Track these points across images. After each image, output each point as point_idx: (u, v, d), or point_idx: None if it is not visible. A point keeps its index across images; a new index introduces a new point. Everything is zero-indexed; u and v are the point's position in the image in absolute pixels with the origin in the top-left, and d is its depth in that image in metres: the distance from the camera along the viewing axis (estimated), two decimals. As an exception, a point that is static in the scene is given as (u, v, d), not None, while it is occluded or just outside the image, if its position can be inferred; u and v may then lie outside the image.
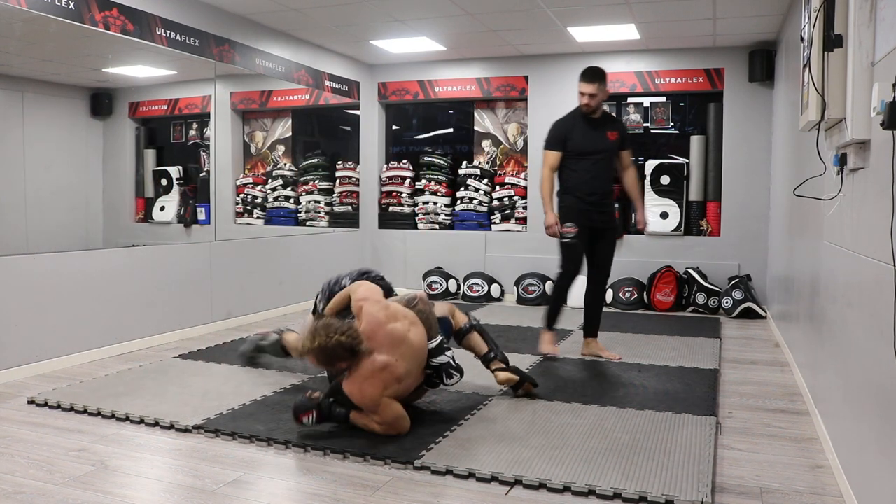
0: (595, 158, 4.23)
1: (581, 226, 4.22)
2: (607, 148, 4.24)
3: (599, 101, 4.18)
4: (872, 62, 2.09)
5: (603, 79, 4.18)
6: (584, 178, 4.23)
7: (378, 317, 2.84)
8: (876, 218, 2.00)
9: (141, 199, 5.98)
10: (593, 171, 4.24)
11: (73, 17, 4.08)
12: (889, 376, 1.82)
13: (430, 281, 6.90)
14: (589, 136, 4.22)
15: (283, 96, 6.91)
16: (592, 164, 4.23)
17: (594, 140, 4.22)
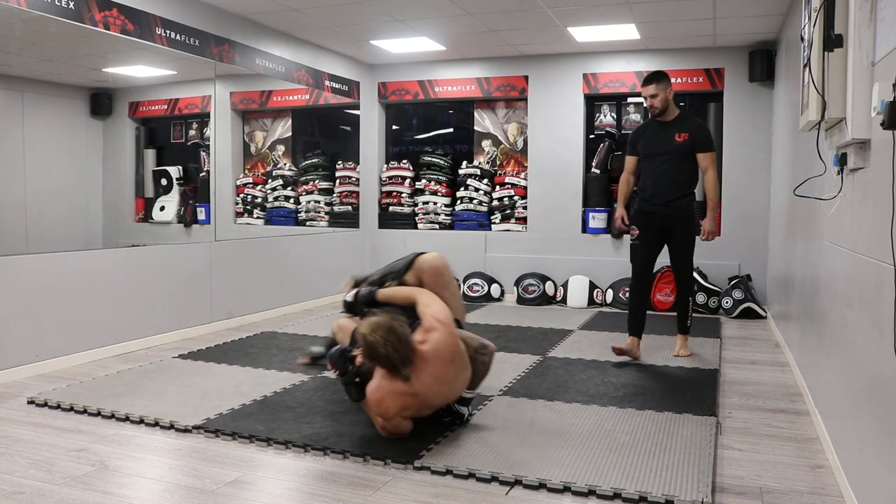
0: (659, 161, 4.24)
1: (643, 228, 4.29)
2: (671, 150, 4.20)
3: (663, 101, 4.16)
4: (872, 62, 2.09)
5: (660, 79, 4.17)
6: (647, 181, 4.29)
7: (443, 353, 2.74)
8: (876, 218, 2.00)
9: (141, 199, 5.98)
10: (657, 174, 4.26)
11: (73, 17, 4.08)
12: (889, 376, 1.82)
13: (430, 281, 6.89)
14: (654, 139, 4.27)
15: (283, 96, 6.91)
16: (657, 166, 4.25)
17: (658, 142, 4.25)
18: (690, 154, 4.23)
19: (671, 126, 4.23)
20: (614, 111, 6.91)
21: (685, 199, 4.29)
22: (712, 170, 4.28)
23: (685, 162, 4.24)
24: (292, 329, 5.28)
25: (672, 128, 4.23)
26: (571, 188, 6.80)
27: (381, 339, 2.60)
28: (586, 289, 6.53)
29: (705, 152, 4.24)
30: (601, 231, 6.72)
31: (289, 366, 4.09)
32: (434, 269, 3.14)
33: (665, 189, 4.25)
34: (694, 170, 4.29)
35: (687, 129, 4.23)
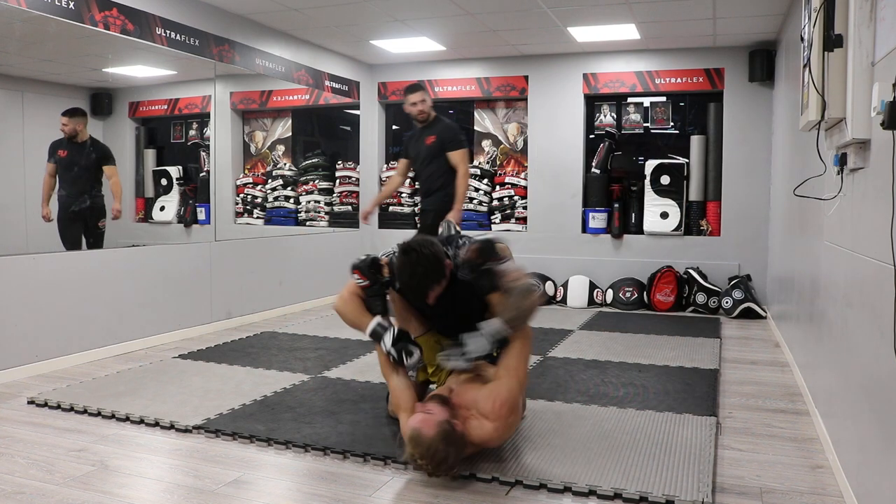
0: (420, 163, 4.70)
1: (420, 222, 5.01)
2: (425, 152, 4.63)
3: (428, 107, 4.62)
4: (872, 62, 2.09)
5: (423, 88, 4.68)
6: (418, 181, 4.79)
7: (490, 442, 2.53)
8: (876, 218, 2.00)
9: (141, 199, 5.97)
10: (421, 176, 4.78)
11: (73, 17, 4.08)
12: (889, 376, 1.82)
13: (430, 281, 6.90)
14: (416, 143, 4.72)
15: (283, 96, 6.91)
16: (420, 168, 4.73)
17: (418, 146, 4.69)
18: (441, 154, 4.57)
19: (426, 130, 4.66)
20: (614, 111, 6.91)
21: (435, 196, 4.67)
22: (462, 166, 4.59)
23: (438, 162, 4.59)
24: (292, 329, 5.28)
25: (426, 132, 4.65)
26: (571, 188, 6.80)
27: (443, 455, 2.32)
28: (586, 289, 6.53)
29: (454, 150, 4.59)
30: (601, 231, 6.72)
31: (289, 366, 4.09)
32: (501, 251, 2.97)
33: (426, 188, 4.75)
34: (447, 168, 4.59)
35: (435, 132, 4.61)
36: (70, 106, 4.81)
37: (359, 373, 3.94)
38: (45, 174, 4.70)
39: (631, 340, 4.93)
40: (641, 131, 6.83)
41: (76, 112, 4.74)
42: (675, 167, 6.48)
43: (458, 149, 4.62)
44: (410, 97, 4.62)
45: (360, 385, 3.68)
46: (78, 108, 4.80)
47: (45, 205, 4.68)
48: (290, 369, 4.00)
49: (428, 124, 4.67)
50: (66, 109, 4.72)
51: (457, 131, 4.74)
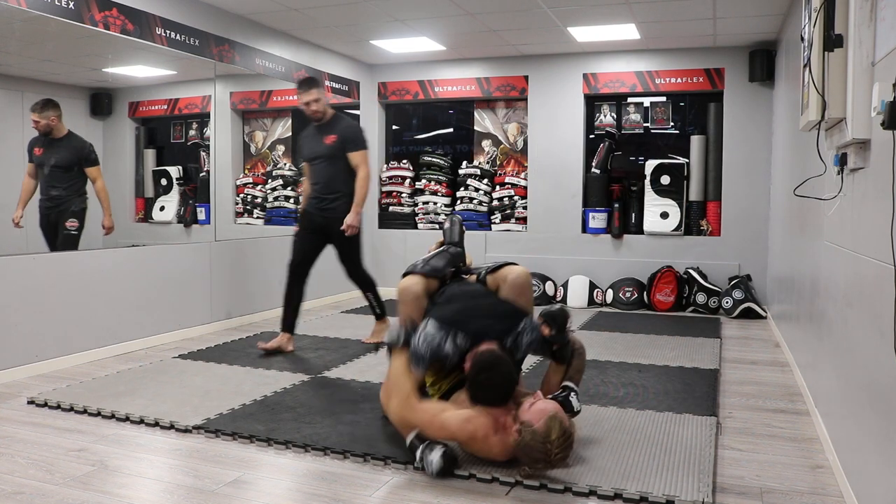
0: (317, 164, 4.44)
1: (302, 225, 4.56)
2: (323, 153, 4.39)
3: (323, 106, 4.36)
4: (873, 62, 2.09)
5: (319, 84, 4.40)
6: (311, 182, 4.50)
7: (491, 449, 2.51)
8: (876, 218, 2.00)
9: (141, 199, 5.97)
10: (316, 177, 4.47)
11: (73, 16, 4.08)
12: (889, 376, 1.82)
13: (430, 281, 6.90)
14: (311, 143, 4.47)
15: (283, 96, 6.90)
16: (316, 169, 4.46)
17: (314, 146, 4.44)
18: (342, 155, 4.35)
19: (324, 129, 4.38)
20: (614, 111, 6.91)
21: (340, 201, 4.41)
22: (364, 168, 4.40)
23: (338, 164, 4.37)
24: (292, 329, 5.27)
25: (324, 130, 4.37)
26: (571, 188, 6.80)
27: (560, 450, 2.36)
28: (586, 289, 6.53)
29: (355, 151, 4.38)
30: (601, 231, 6.72)
31: (289, 366, 4.09)
32: (518, 284, 2.92)
33: (322, 191, 4.42)
34: (348, 170, 4.38)
35: (335, 131, 4.35)
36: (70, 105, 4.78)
37: (359, 373, 3.94)
38: (25, 175, 4.45)
39: (631, 340, 4.93)
40: (641, 131, 6.83)
41: (47, 105, 4.35)
42: (675, 167, 6.48)
43: (360, 149, 4.39)
44: (304, 95, 4.29)
45: (360, 385, 3.68)
46: (48, 99, 4.40)
47: (20, 208, 4.40)
48: (290, 369, 4.00)
49: (326, 123, 4.39)
50: (34, 103, 4.34)
51: (359, 131, 4.50)
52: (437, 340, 2.60)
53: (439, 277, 2.99)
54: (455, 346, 2.60)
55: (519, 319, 2.73)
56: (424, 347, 2.60)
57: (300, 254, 4.53)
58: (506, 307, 2.82)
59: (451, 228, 3.27)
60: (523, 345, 2.69)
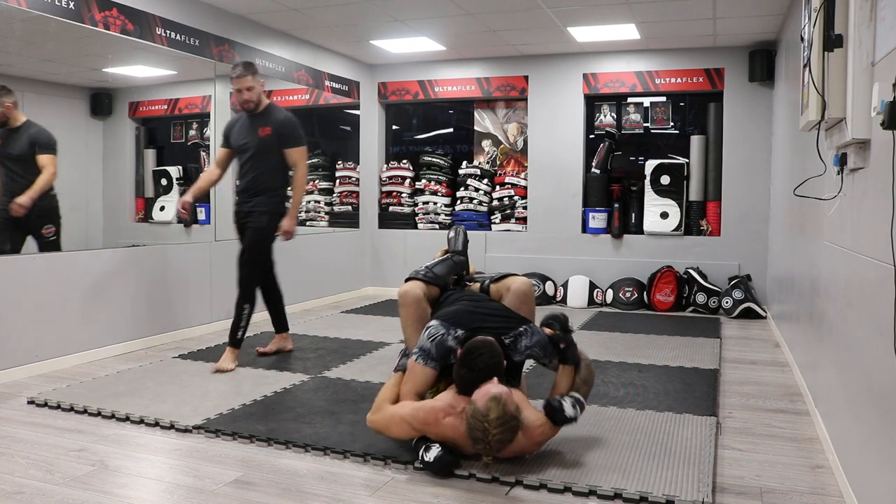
0: (246, 155, 4.09)
1: (236, 223, 4.28)
2: (255, 144, 4.05)
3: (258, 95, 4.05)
4: (872, 62, 2.09)
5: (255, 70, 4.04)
6: (238, 175, 4.22)
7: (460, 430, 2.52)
8: (876, 218, 2.00)
9: (141, 199, 5.97)
10: (244, 169, 4.14)
11: (73, 17, 4.08)
12: (889, 376, 1.82)
13: (430, 281, 6.89)
14: (242, 132, 4.11)
15: (283, 96, 6.90)
16: (244, 161, 4.11)
17: (245, 136, 4.08)
18: (276, 149, 4.03)
19: (258, 119, 4.06)
20: (614, 111, 6.91)
21: (263, 196, 4.08)
22: (303, 166, 4.10)
23: (270, 157, 4.04)
24: (292, 329, 5.26)
25: (258, 121, 4.05)
26: (571, 188, 6.80)
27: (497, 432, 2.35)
28: (586, 289, 6.53)
29: (294, 147, 4.06)
30: (601, 231, 6.72)
31: (289, 366, 4.09)
32: (521, 293, 2.99)
33: (248, 185, 4.11)
34: (282, 166, 4.08)
35: (271, 123, 4.03)
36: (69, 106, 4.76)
37: (359, 373, 3.94)
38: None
39: (631, 340, 4.93)
40: (641, 131, 6.83)
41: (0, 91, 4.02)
42: (675, 167, 6.48)
43: (298, 145, 4.08)
44: (238, 81, 3.96)
45: (360, 385, 3.68)
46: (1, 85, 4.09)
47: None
48: (290, 369, 4.00)
49: (259, 113, 4.06)
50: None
51: (297, 125, 4.13)
52: (440, 335, 2.65)
53: (440, 284, 3.02)
54: (457, 340, 2.64)
55: (519, 324, 2.76)
56: (430, 343, 2.65)
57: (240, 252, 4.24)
58: (506, 311, 2.87)
59: (456, 238, 3.31)
60: (522, 347, 2.71)
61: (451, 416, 2.48)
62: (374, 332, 5.14)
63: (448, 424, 2.48)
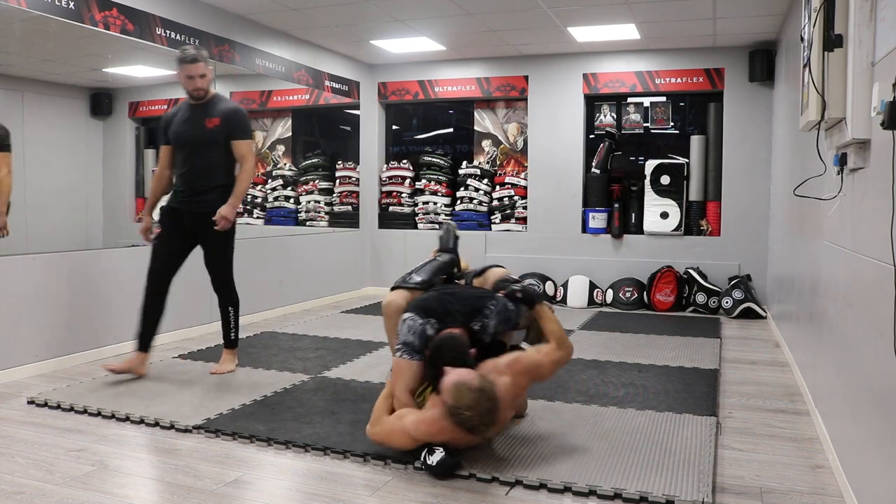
0: (190, 150, 3.78)
1: (167, 226, 3.83)
2: (202, 138, 3.75)
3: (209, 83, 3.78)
4: (872, 62, 2.09)
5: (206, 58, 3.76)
6: (179, 172, 3.86)
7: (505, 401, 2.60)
8: (876, 218, 2.00)
9: (141, 199, 5.97)
10: (188, 165, 3.80)
11: (73, 17, 4.08)
12: (889, 376, 1.82)
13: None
14: (185, 125, 3.79)
15: (283, 96, 6.91)
16: (188, 156, 3.79)
17: (190, 129, 3.77)
18: (224, 142, 3.77)
19: (203, 110, 3.76)
20: (614, 111, 6.91)
21: (215, 194, 3.77)
22: (251, 159, 3.84)
23: (218, 151, 3.77)
24: (292, 329, 5.27)
25: (204, 112, 3.75)
26: (571, 188, 6.80)
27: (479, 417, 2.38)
28: (586, 289, 6.53)
29: (242, 140, 3.80)
30: (601, 231, 6.72)
31: (289, 366, 4.09)
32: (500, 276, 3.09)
33: (195, 182, 3.78)
34: (230, 160, 3.82)
35: (218, 114, 3.75)
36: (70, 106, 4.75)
37: (359, 373, 3.94)
38: None
39: (631, 340, 4.93)
40: (641, 131, 6.83)
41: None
42: (675, 167, 6.48)
43: (247, 138, 3.84)
44: (191, 68, 3.67)
45: (360, 385, 3.68)
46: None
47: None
48: (290, 369, 4.00)
49: (205, 103, 3.77)
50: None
51: (246, 116, 3.89)
52: (419, 325, 2.71)
53: (425, 289, 3.05)
54: (435, 330, 2.71)
55: (484, 301, 2.83)
56: (412, 336, 2.70)
57: (163, 260, 3.84)
58: (473, 292, 2.96)
59: (445, 236, 3.34)
60: (492, 328, 2.79)
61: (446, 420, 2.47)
62: (374, 332, 5.13)
63: (448, 427, 2.47)
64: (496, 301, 2.84)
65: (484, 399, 2.40)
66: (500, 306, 2.83)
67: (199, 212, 3.76)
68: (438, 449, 2.48)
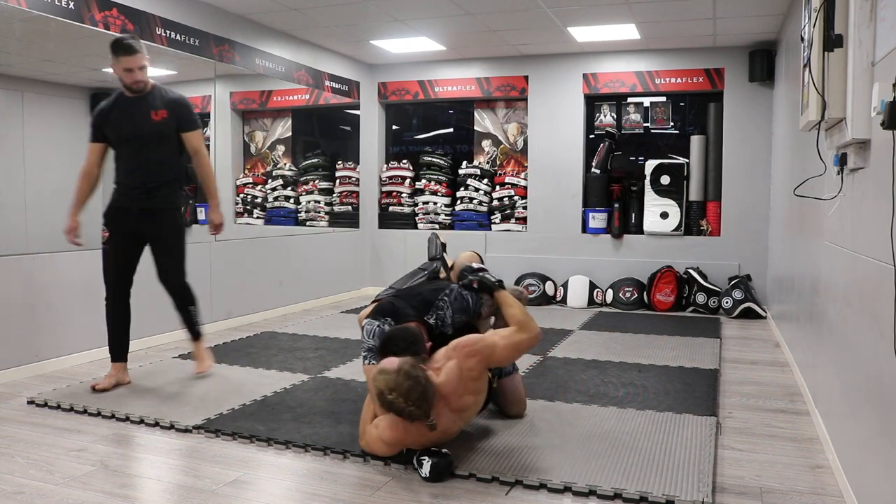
0: (136, 145, 3.53)
1: (116, 227, 3.57)
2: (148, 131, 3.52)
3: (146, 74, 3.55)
4: (872, 62, 2.09)
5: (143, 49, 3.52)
6: (122, 170, 3.58)
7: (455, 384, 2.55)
8: (876, 218, 2.00)
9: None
10: (134, 162, 3.54)
11: (73, 17, 4.08)
12: (889, 376, 1.82)
13: (430, 281, 6.90)
14: (126, 120, 3.52)
15: (283, 96, 6.91)
16: (134, 152, 3.53)
17: (132, 123, 3.51)
18: (173, 135, 3.57)
19: (145, 103, 3.51)
20: (614, 111, 6.91)
21: (168, 190, 3.60)
22: (204, 151, 3.66)
23: (166, 145, 3.56)
24: (292, 329, 5.27)
25: (147, 105, 3.51)
26: (571, 188, 6.80)
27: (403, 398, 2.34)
28: (586, 289, 6.53)
29: (191, 131, 3.60)
30: (601, 231, 6.72)
31: (289, 366, 4.09)
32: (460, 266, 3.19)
33: (147, 177, 3.54)
34: (177, 154, 3.64)
35: (164, 106, 3.54)
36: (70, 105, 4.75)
37: (359, 373, 3.94)
38: None
39: (631, 340, 4.93)
40: (641, 131, 6.83)
41: None
42: (675, 167, 6.48)
43: (197, 128, 3.63)
44: (129, 59, 3.41)
45: (360, 385, 3.68)
46: None
47: None
48: (290, 369, 4.00)
49: (146, 95, 3.52)
50: None
51: (192, 106, 3.68)
52: (376, 327, 2.83)
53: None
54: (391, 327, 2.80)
55: (437, 294, 2.91)
56: (371, 339, 2.81)
57: (121, 266, 3.62)
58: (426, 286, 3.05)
59: (430, 246, 3.44)
60: (449, 320, 2.87)
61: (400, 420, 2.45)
62: (374, 332, 5.13)
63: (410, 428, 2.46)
64: (449, 291, 2.92)
65: (403, 379, 2.35)
66: (453, 296, 2.90)
67: (151, 208, 3.56)
68: (426, 459, 2.48)
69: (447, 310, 2.88)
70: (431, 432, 2.46)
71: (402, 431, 2.48)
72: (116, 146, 3.58)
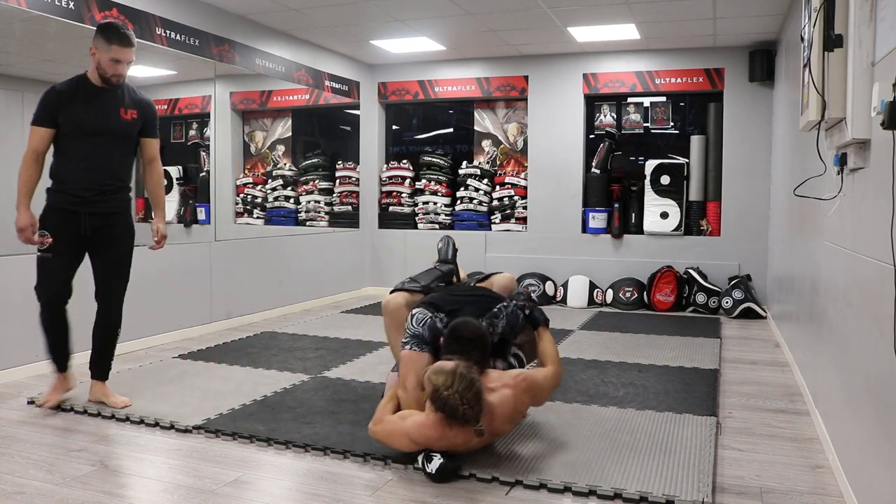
0: (97, 141, 3.13)
1: (61, 233, 3.13)
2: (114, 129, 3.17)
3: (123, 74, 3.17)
4: (872, 62, 2.09)
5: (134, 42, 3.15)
6: (74, 167, 3.14)
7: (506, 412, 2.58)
8: (876, 218, 2.00)
9: (141, 198, 5.96)
10: (91, 159, 3.14)
11: (73, 17, 4.08)
12: (889, 376, 1.82)
13: (430, 281, 6.89)
14: (91, 111, 3.12)
15: (283, 96, 6.91)
16: (93, 148, 3.13)
17: (97, 116, 3.12)
18: (135, 137, 3.26)
19: (115, 97, 3.16)
20: (614, 111, 6.91)
21: (124, 193, 3.29)
22: (160, 162, 3.39)
23: (129, 146, 3.26)
24: (292, 329, 5.28)
25: (117, 100, 3.16)
26: (571, 188, 6.80)
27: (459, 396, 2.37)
28: (586, 289, 6.53)
29: (154, 137, 3.32)
30: (601, 231, 6.73)
31: (289, 366, 4.09)
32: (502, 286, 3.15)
33: (105, 179, 3.17)
34: (134, 157, 3.34)
35: (135, 106, 3.22)
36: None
37: (359, 373, 3.94)
38: None
39: (631, 340, 4.93)
40: (641, 131, 6.84)
41: None
42: (675, 167, 6.48)
43: (157, 136, 3.34)
44: (123, 51, 3.05)
45: (360, 385, 3.68)
46: None
47: None
48: (290, 369, 4.00)
49: (113, 89, 3.16)
50: None
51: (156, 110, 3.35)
52: (428, 318, 2.75)
53: (425, 292, 3.09)
54: (443, 323, 2.74)
55: (494, 303, 2.88)
56: (421, 328, 2.74)
57: (63, 278, 3.16)
58: (482, 292, 3.01)
59: (444, 248, 3.40)
60: (499, 329, 2.83)
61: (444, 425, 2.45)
62: (374, 332, 5.13)
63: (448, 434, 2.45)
64: (507, 304, 2.89)
65: (459, 378, 2.39)
66: (509, 309, 2.88)
67: (106, 212, 3.19)
68: (436, 455, 2.47)
69: (502, 319, 2.83)
70: (477, 437, 2.46)
71: (440, 433, 2.44)
72: (72, 139, 3.10)
